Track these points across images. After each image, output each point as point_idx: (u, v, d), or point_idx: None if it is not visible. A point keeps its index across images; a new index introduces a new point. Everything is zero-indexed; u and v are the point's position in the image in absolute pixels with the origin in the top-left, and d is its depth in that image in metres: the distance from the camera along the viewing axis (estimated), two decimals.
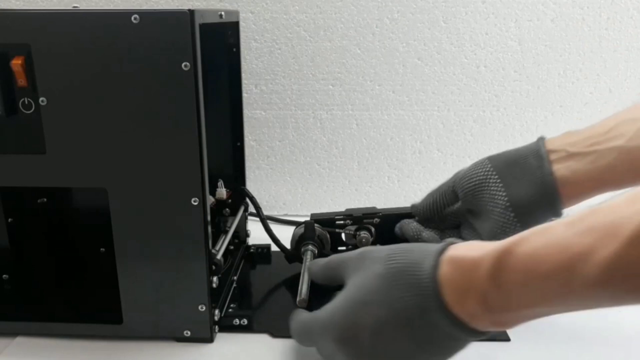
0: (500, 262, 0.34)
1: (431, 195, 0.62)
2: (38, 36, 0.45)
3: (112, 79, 0.45)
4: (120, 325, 0.52)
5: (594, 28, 0.82)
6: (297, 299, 0.53)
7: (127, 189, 0.48)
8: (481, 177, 0.55)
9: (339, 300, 0.42)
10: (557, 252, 0.31)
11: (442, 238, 0.61)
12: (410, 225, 0.63)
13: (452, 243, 0.39)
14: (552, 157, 0.52)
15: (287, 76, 0.84)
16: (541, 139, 0.54)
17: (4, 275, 0.61)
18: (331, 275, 0.47)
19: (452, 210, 0.60)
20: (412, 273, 0.38)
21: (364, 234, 0.65)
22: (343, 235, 0.67)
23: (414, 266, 0.38)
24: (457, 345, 0.39)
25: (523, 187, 0.52)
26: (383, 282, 0.39)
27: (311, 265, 0.51)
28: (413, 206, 0.64)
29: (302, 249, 0.64)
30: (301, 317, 0.47)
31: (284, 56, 0.83)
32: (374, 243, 0.66)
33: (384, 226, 0.66)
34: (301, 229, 0.66)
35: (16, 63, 0.45)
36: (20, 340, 0.54)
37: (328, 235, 0.67)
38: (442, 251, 0.38)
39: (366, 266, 0.42)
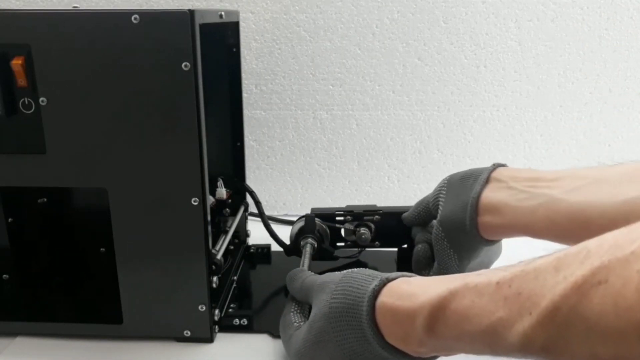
0: (434, 317, 0.35)
1: (416, 207, 0.63)
2: (38, 36, 0.45)
3: (112, 79, 0.45)
4: (120, 325, 0.52)
5: (594, 28, 0.82)
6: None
7: (127, 189, 0.48)
8: (437, 192, 0.58)
9: (302, 336, 0.44)
10: (482, 316, 0.32)
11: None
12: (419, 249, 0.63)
13: (387, 282, 0.40)
14: (492, 184, 0.53)
15: (287, 76, 0.84)
16: (497, 165, 0.55)
17: (4, 275, 0.61)
18: (304, 297, 0.48)
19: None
20: (352, 316, 0.40)
21: (363, 230, 0.65)
22: (342, 231, 0.67)
23: (352, 309, 0.40)
24: None
25: (454, 205, 0.54)
26: (329, 323, 0.41)
27: (290, 281, 0.52)
28: (403, 217, 0.65)
29: (302, 242, 0.64)
30: (283, 322, 0.49)
31: (284, 56, 0.83)
32: (373, 240, 0.66)
33: (384, 223, 0.66)
34: (301, 222, 0.66)
35: (16, 63, 0.45)
36: (20, 340, 0.54)
37: (328, 230, 0.66)
38: (376, 295, 0.39)
39: (320, 301, 0.44)
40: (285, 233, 0.69)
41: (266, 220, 0.68)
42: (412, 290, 0.38)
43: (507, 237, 0.54)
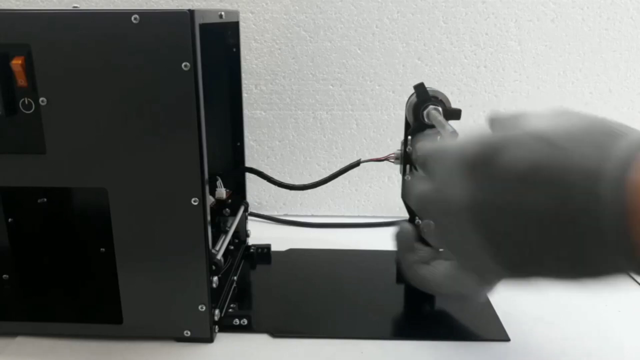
0: None
1: None
2: (38, 36, 0.45)
3: (112, 79, 0.45)
4: (120, 325, 0.52)
5: (594, 28, 0.82)
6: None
7: (127, 189, 0.48)
8: None
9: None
10: None
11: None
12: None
13: None
14: None
15: (287, 76, 0.84)
16: None
17: (4, 275, 0.61)
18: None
19: None
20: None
21: None
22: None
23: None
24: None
25: None
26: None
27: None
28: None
29: (424, 113, 0.55)
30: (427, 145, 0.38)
31: (284, 56, 0.83)
32: None
33: None
34: (413, 98, 0.56)
35: (16, 63, 0.45)
36: (20, 340, 0.54)
37: (444, 93, 0.56)
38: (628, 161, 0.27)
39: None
40: (284, 234, 0.68)
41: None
42: None
43: None
